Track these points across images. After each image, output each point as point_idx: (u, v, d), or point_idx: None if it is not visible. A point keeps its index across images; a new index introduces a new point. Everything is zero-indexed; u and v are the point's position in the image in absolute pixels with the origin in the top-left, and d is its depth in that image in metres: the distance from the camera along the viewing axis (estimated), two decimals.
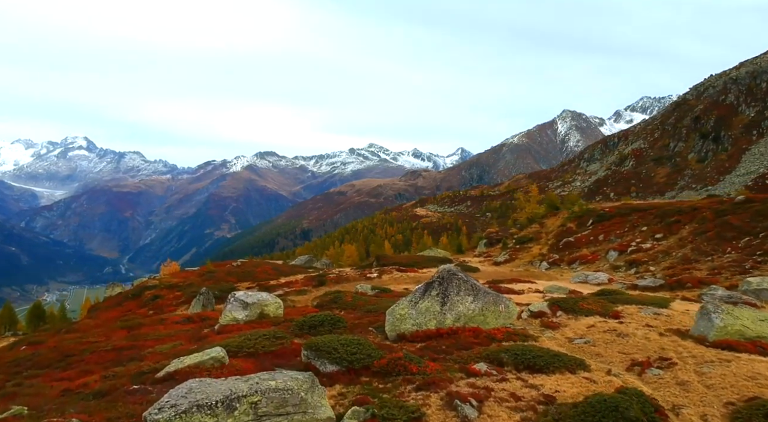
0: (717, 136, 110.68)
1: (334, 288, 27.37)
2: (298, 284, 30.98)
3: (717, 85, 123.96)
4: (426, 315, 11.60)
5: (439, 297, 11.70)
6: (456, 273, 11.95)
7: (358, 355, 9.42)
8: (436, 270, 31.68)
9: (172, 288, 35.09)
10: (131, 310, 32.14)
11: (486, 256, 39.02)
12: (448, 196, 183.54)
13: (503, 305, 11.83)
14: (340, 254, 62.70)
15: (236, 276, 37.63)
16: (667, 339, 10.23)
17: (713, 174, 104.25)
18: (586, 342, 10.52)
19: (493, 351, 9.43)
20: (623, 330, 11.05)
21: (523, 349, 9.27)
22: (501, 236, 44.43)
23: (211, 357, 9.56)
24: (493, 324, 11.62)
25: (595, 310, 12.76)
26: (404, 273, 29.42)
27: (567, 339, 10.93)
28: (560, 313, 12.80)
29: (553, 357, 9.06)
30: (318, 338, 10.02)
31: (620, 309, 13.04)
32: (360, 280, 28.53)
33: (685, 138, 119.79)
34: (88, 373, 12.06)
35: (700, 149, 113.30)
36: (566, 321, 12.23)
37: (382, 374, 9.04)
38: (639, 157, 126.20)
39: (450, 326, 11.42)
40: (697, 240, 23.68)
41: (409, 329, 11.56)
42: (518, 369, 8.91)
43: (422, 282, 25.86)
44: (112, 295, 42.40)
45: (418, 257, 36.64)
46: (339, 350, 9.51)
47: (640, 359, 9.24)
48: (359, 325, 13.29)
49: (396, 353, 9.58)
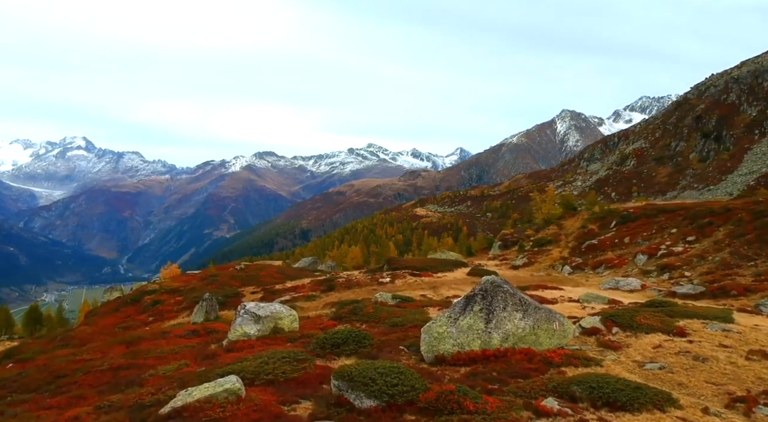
0: (719, 136, 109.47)
1: (345, 293, 25.89)
2: (305, 289, 29.49)
3: (718, 85, 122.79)
4: (468, 334, 10.11)
5: (482, 313, 10.20)
6: (501, 285, 10.45)
7: (400, 387, 7.92)
8: (451, 274, 30.16)
9: (172, 292, 33.60)
10: (130, 316, 30.58)
11: (502, 259, 37.26)
12: (448, 196, 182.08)
13: (557, 322, 10.34)
14: (343, 255, 61.18)
15: (240, 280, 36.15)
16: (759, 365, 8.75)
17: (715, 173, 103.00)
18: (661, 367, 9.03)
19: (561, 383, 7.93)
20: (698, 352, 9.57)
21: (598, 380, 7.77)
22: (517, 238, 42.96)
23: (225, 390, 8.05)
24: (547, 345, 10.12)
25: (655, 326, 11.27)
26: (418, 278, 27.83)
27: (635, 363, 9.44)
28: (616, 330, 11.31)
29: (635, 390, 7.57)
30: (350, 366, 8.52)
31: (682, 324, 11.54)
32: (371, 285, 27.02)
33: (686, 137, 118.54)
34: (81, 400, 10.55)
35: (701, 149, 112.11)
36: (626, 340, 10.75)
37: (431, 411, 7.54)
38: (640, 156, 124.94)
39: (497, 347, 9.93)
40: (736, 244, 22.22)
41: (449, 350, 10.07)
42: (596, 406, 7.42)
43: (438, 287, 24.50)
44: (110, 300, 40.56)
45: (431, 260, 35.03)
46: (377, 381, 8.01)
47: (739, 392, 7.76)
48: (388, 343, 11.79)
49: (445, 384, 8.08)
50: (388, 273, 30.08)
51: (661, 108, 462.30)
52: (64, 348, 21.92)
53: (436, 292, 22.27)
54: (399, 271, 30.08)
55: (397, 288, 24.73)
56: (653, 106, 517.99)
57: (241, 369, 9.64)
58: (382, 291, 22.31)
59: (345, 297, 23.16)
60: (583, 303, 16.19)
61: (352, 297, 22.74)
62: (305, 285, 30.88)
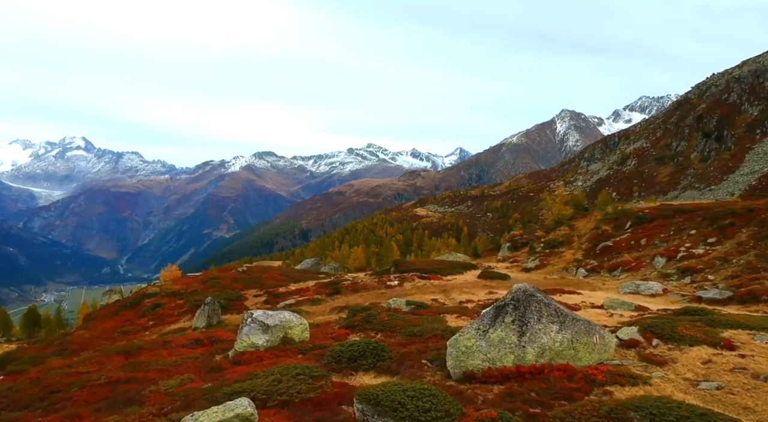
0: (720, 135, 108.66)
1: (351, 297, 24.96)
2: (310, 292, 28.57)
3: (719, 84, 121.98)
4: (500, 349, 9.22)
5: (515, 325, 9.31)
6: (534, 295, 9.56)
7: (433, 413, 7.03)
8: (461, 277, 29.19)
9: (173, 296, 32.54)
10: (129, 320, 29.54)
11: (512, 261, 36.34)
12: (448, 196, 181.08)
13: (597, 335, 9.45)
14: (346, 257, 60.13)
15: (242, 282, 35.12)
16: None
17: (717, 173, 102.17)
18: (718, 387, 8.14)
19: (615, 408, 7.03)
20: (756, 370, 8.69)
21: (658, 405, 6.88)
22: (527, 239, 41.71)
23: (236, 415, 7.16)
24: (587, 361, 9.23)
25: (699, 338, 10.38)
26: (427, 281, 26.83)
27: (687, 381, 8.55)
28: (657, 342, 10.42)
29: (701, 417, 6.68)
30: (376, 388, 7.62)
31: (728, 335, 10.67)
32: (379, 288, 26.10)
33: (687, 137, 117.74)
34: (76, 420, 9.67)
35: (702, 148, 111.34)
36: (669, 354, 9.86)
37: None
38: (641, 156, 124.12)
39: (532, 363, 9.04)
40: (761, 246, 21.31)
41: (479, 366, 9.18)
42: None
43: (449, 291, 23.52)
44: (109, 303, 39.32)
45: (439, 262, 34.03)
46: (407, 405, 7.13)
47: None
48: (408, 356, 10.90)
49: (483, 409, 7.20)
50: (395, 276, 29.15)
51: (661, 108, 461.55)
52: (60, 354, 21.04)
53: (447, 296, 21.33)
54: (407, 274, 29.11)
55: (407, 292, 23.79)
56: (653, 106, 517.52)
57: (252, 387, 8.75)
58: (391, 295, 21.43)
59: (352, 302, 22.26)
60: (609, 309, 15.30)
61: (360, 301, 21.83)
62: (310, 287, 29.97)
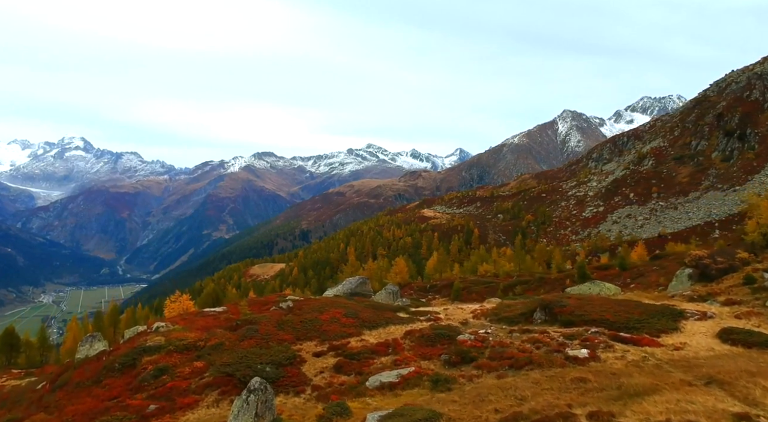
0: (743, 134, 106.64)
1: (504, 383, 14.99)
2: (402, 349, 20.65)
3: (740, 81, 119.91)
4: None
5: None
6: None
7: None
8: (678, 337, 19.46)
9: (186, 351, 22.35)
10: (118, 397, 19.38)
11: (714, 301, 25.68)
12: (456, 197, 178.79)
13: None
14: (383, 270, 51.57)
15: (291, 328, 24.34)
16: None
17: (740, 173, 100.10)
18: None
19: None
20: None
21: None
22: (727, 265, 29.36)
23: None
24: None
25: None
26: (633, 348, 18.56)
27: None
28: None
29: None
30: None
31: None
32: (554, 365, 16.65)
33: (707, 136, 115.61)
34: None
35: (724, 147, 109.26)
36: None
37: None
38: (659, 155, 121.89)
39: None
40: None
41: None
42: None
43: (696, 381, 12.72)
44: (89, 356, 27.30)
45: (616, 304, 24.77)
46: None
47: None
48: None
49: None
50: (557, 330, 20.71)
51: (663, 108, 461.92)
52: None
53: (709, 397, 11.84)
54: (575, 328, 21.00)
55: (618, 376, 14.08)
56: (654, 106, 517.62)
57: None
58: (592, 388, 13.04)
59: (525, 404, 12.37)
60: None
61: (529, 405, 12.19)
62: (399, 342, 21.58)
